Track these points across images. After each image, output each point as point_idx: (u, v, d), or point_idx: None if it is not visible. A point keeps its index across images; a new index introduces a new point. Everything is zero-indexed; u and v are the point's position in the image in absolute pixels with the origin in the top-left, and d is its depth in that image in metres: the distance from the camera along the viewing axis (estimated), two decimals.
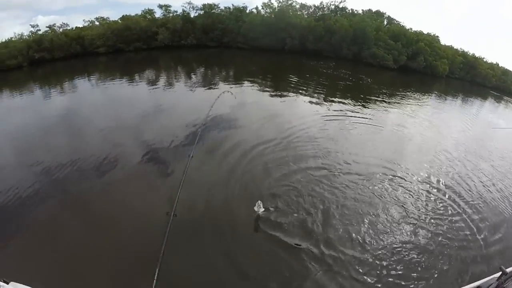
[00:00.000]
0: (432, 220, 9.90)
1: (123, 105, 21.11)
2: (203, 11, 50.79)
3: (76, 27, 46.20)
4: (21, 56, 38.78)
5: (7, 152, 13.95)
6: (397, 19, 52.66)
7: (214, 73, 33.54)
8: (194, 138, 11.85)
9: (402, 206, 10.49)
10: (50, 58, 40.84)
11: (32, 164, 12.26)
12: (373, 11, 53.07)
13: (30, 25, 43.37)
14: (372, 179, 11.84)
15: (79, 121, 18.06)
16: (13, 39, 41.39)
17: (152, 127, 16.19)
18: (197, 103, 20.02)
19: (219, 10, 51.17)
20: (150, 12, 50.05)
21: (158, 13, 50.39)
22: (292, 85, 27.09)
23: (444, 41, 51.35)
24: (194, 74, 32.68)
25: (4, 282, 2.22)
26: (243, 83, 27.32)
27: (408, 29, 48.80)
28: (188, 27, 47.98)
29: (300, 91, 25.35)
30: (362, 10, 52.83)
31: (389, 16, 53.07)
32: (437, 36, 50.42)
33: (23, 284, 2.32)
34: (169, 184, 10.53)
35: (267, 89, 25.57)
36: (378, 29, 45.27)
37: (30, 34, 42.44)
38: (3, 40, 40.89)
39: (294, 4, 50.34)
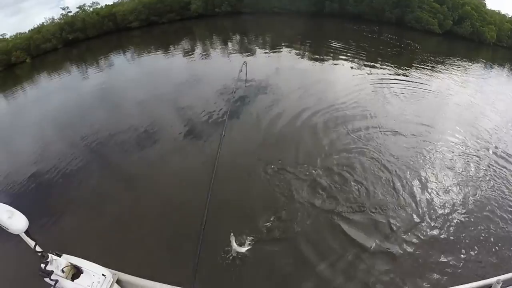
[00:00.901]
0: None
1: (160, 77, 20.83)
2: None
3: (106, 5, 45.04)
4: (55, 39, 38.96)
5: (51, 130, 14.26)
6: None
7: (250, 40, 32.16)
8: (229, 109, 12.20)
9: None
10: (84, 38, 40.75)
11: (76, 140, 12.61)
12: None
13: (61, 8, 42.88)
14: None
15: (117, 95, 18.21)
16: (44, 24, 41.28)
17: (189, 98, 15.91)
18: (233, 71, 18.56)
19: None
20: None
21: None
22: (333, 51, 25.24)
23: (491, 5, 44.81)
24: (230, 42, 31.67)
25: (57, 255, 2.09)
26: (281, 49, 26.03)
27: None
28: None
29: (342, 57, 23.40)
30: None
31: None
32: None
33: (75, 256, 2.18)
34: (207, 155, 10.44)
35: (306, 54, 24.47)
36: None
37: (61, 17, 42.13)
38: (35, 26, 40.87)
39: None
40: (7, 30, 38.49)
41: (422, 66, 23.11)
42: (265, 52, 25.17)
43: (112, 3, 45.86)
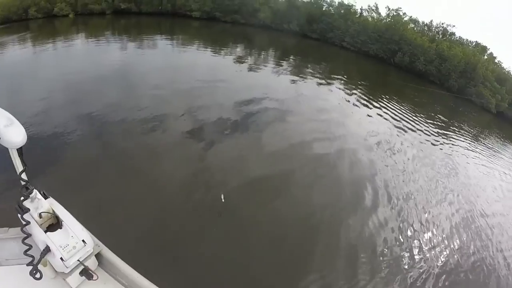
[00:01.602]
0: None
1: (199, 72, 19.44)
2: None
3: None
4: (105, 3, 37.56)
5: (62, 92, 13.84)
6: (498, 57, 47.82)
7: (307, 65, 30.11)
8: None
9: None
10: (136, 11, 39.21)
11: (82, 109, 12.18)
12: (478, 43, 48.75)
13: None
14: None
15: (144, 79, 16.95)
16: None
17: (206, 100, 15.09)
18: (272, 89, 18.63)
19: (325, 3, 47.55)
20: None
21: None
22: (387, 99, 24.02)
23: None
24: (286, 61, 29.44)
25: (43, 195, 1.83)
26: (333, 82, 24.83)
27: (508, 72, 45.02)
28: (292, 11, 44.19)
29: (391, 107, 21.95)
30: (467, 39, 49.23)
31: (491, 53, 47.98)
32: None
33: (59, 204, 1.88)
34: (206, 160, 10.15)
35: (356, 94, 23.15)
36: (486, 67, 42.15)
37: None
38: None
39: (402, 15, 47.17)
40: None
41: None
42: (317, 82, 23.98)
43: None
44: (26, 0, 32.10)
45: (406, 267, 7.67)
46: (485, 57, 46.45)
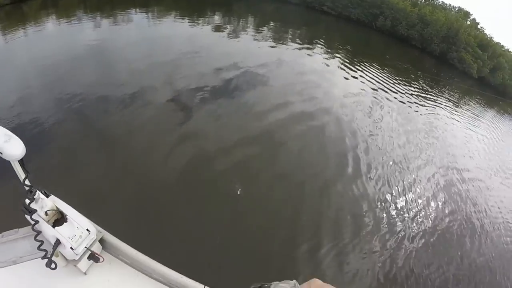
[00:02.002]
0: None
1: (176, 44, 18.91)
2: None
3: None
4: None
5: (36, 79, 13.40)
6: (480, 23, 50.11)
7: (287, 30, 30.20)
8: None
9: None
10: None
11: (59, 92, 11.92)
12: (461, 9, 50.90)
13: None
14: None
15: (121, 55, 16.71)
16: None
17: (197, 70, 14.86)
18: (254, 56, 18.38)
19: None
20: None
21: None
22: (368, 63, 24.34)
23: None
24: (266, 28, 29.16)
25: (45, 194, 1.96)
26: (314, 47, 24.94)
27: (490, 38, 46.85)
28: None
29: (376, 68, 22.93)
30: (450, 4, 50.94)
31: (474, 18, 50.20)
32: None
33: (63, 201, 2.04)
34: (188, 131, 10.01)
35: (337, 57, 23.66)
36: (469, 33, 43.78)
37: None
38: None
39: None
40: None
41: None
42: (298, 47, 23.83)
43: None
44: None
45: (385, 226, 8.18)
46: (468, 22, 47.77)
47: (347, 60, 22.68)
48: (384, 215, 8.58)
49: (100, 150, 8.75)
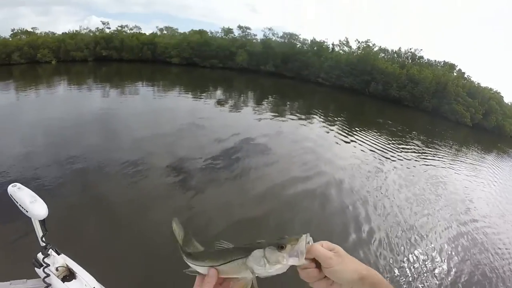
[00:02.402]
0: None
1: (179, 117, 19.52)
2: (283, 40, 49.86)
3: (150, 33, 45.56)
4: (87, 50, 38.46)
5: (42, 138, 13.76)
6: (467, 72, 50.57)
7: (285, 103, 31.38)
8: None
9: None
10: (117, 58, 40.21)
11: (63, 155, 12.07)
12: (446, 62, 51.91)
13: (101, 21, 42.89)
14: None
15: (122, 125, 17.28)
16: (80, 31, 41.03)
17: (199, 143, 15.02)
18: (254, 129, 18.87)
19: (298, 42, 50.33)
20: (229, 31, 49.10)
21: (236, 33, 49.80)
22: (364, 129, 24.30)
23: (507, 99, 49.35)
24: (265, 101, 30.31)
25: (56, 252, 2.18)
26: (312, 117, 25.33)
27: (478, 85, 47.65)
28: (267, 53, 46.30)
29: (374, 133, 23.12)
30: (435, 60, 52.15)
31: (460, 69, 50.98)
32: (500, 93, 48.71)
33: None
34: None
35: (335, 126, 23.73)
36: (457, 84, 44.55)
37: (97, 30, 42.04)
38: (70, 31, 40.70)
39: (372, 46, 49.47)
40: (36, 26, 38.44)
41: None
42: (296, 118, 24.22)
43: (153, 33, 46.53)
44: (9, 45, 32.59)
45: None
46: (454, 73, 48.94)
47: (344, 128, 23.12)
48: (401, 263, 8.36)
49: (100, 216, 8.65)
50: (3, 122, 15.60)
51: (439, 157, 20.76)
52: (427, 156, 20.33)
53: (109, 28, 41.99)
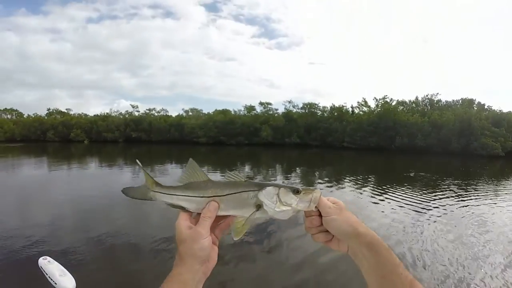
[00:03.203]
0: None
1: None
2: (304, 110, 51.77)
3: (177, 115, 48.25)
4: (118, 132, 41.38)
5: (70, 216, 12.99)
6: (487, 103, 51.50)
7: (313, 172, 30.56)
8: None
9: None
10: (147, 139, 42.36)
11: (90, 233, 10.71)
12: (464, 99, 52.44)
13: (131, 104, 46.87)
14: None
15: (155, 206, 15.68)
16: (111, 114, 44.63)
17: None
18: None
19: (319, 110, 52.10)
20: (252, 108, 51.29)
21: (258, 109, 51.93)
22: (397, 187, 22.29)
23: None
24: (293, 173, 29.83)
25: None
26: (342, 183, 24.01)
27: (500, 111, 47.17)
28: (290, 125, 47.75)
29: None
30: (453, 100, 52.82)
31: (479, 102, 51.58)
32: None
33: None
34: None
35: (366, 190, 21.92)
36: (480, 117, 43.88)
37: (127, 112, 45.21)
38: (101, 113, 44.45)
39: (390, 101, 50.53)
40: (69, 107, 41.37)
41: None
42: (326, 186, 22.82)
43: (179, 114, 48.97)
44: (45, 123, 34.71)
45: None
46: (475, 108, 49.02)
47: (375, 188, 22.23)
48: None
49: None
50: (37, 195, 15.92)
51: (478, 195, 19.25)
52: (465, 198, 18.79)
53: (138, 111, 45.17)
